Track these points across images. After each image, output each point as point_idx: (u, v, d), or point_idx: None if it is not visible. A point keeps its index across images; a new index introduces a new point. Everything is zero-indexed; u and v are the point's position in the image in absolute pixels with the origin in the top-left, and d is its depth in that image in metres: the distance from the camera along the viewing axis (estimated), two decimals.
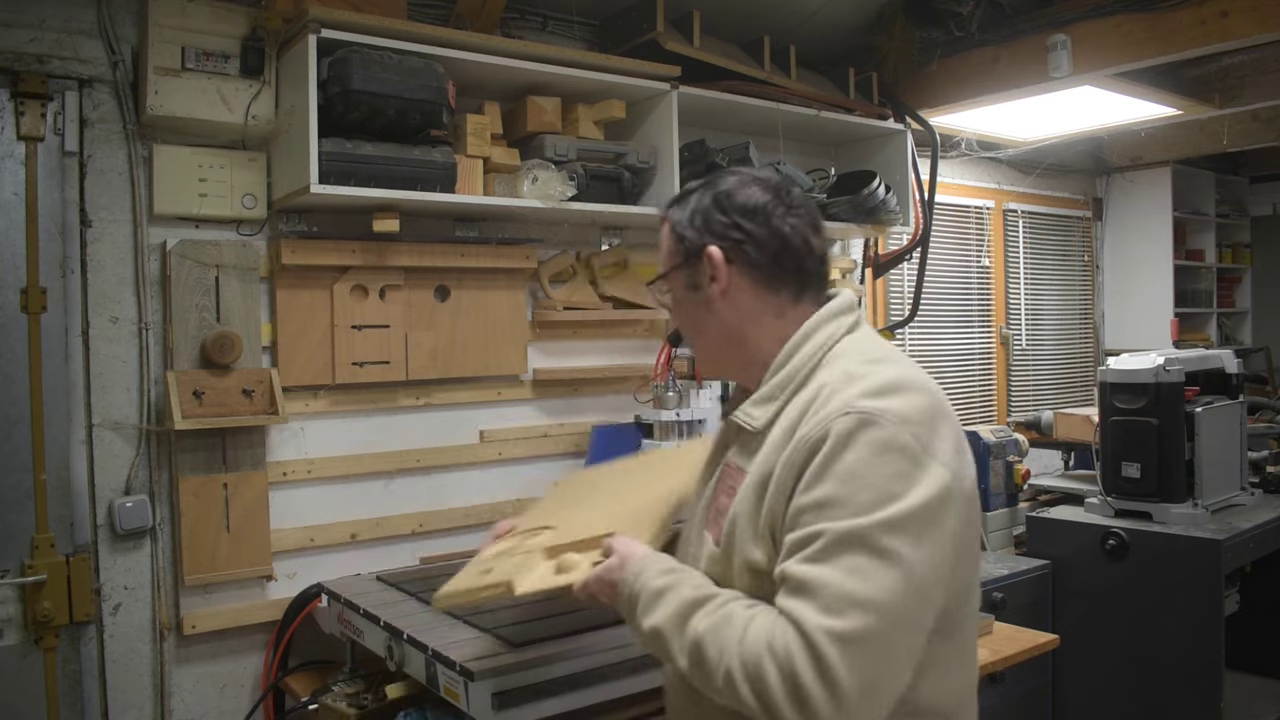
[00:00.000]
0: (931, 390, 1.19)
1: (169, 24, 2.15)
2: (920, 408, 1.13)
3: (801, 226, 1.23)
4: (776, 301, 1.23)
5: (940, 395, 1.20)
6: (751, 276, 1.23)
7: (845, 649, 0.98)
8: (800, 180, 3.01)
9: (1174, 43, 2.78)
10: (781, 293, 1.23)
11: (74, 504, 2.14)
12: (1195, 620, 3.04)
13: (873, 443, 1.06)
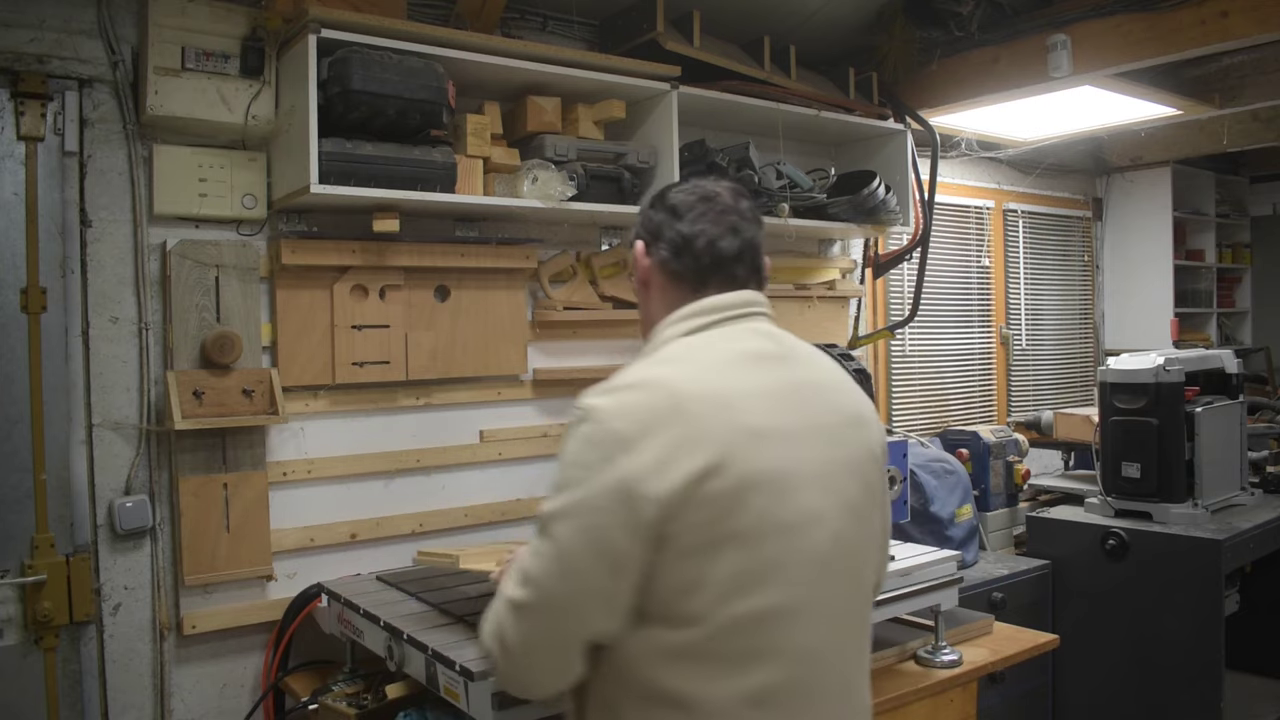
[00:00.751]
0: (670, 392, 1.20)
1: (169, 24, 2.15)
2: (639, 407, 1.19)
3: (711, 229, 1.35)
4: (679, 293, 1.36)
5: (684, 397, 1.20)
6: (662, 269, 1.38)
7: (513, 615, 1.21)
8: (800, 180, 3.01)
9: (1174, 43, 2.78)
10: (682, 286, 1.36)
11: (74, 504, 2.14)
12: (1195, 620, 3.04)
13: (580, 436, 1.22)
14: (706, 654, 1.17)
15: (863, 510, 1.30)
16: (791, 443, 1.23)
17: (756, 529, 1.17)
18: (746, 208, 1.41)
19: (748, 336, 1.32)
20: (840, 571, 1.26)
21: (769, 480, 1.19)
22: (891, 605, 2.06)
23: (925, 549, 2.30)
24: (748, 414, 1.21)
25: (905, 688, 2.02)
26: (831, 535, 1.24)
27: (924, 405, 4.10)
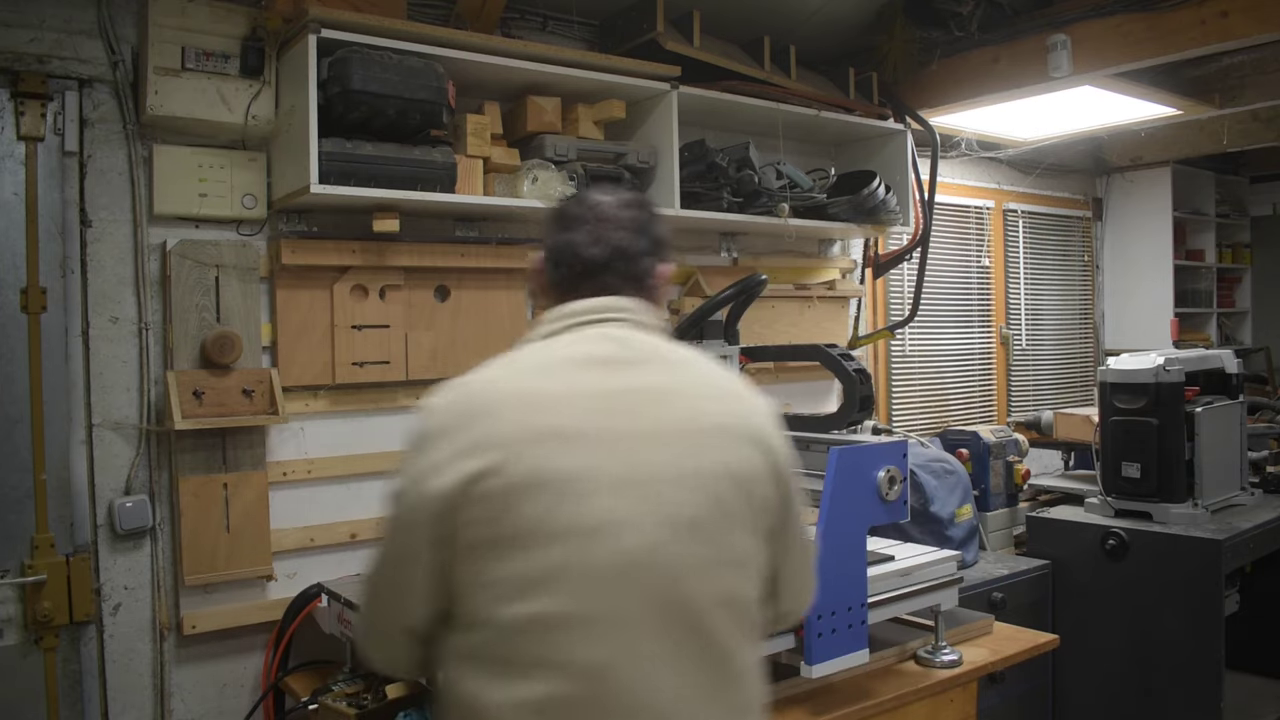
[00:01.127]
0: (477, 393, 1.24)
1: (169, 24, 2.15)
2: (448, 406, 1.24)
3: (580, 238, 1.35)
4: (553, 300, 1.38)
5: (487, 398, 1.22)
6: (542, 277, 1.41)
7: (359, 597, 1.36)
8: (800, 180, 3.01)
9: (1174, 43, 2.78)
10: (556, 293, 1.38)
11: (74, 504, 2.14)
12: (1195, 620, 3.04)
13: (407, 434, 1.28)
14: (492, 658, 1.16)
15: (705, 526, 1.19)
16: (599, 447, 1.18)
17: (538, 531, 1.14)
18: (629, 217, 1.38)
19: (592, 341, 1.29)
20: (652, 588, 1.16)
21: (559, 483, 1.15)
22: (891, 605, 2.06)
23: (925, 549, 2.30)
24: (550, 416, 1.19)
25: (905, 688, 2.02)
26: (638, 547, 1.15)
27: (924, 405, 4.10)
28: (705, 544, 1.20)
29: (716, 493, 1.21)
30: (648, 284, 1.39)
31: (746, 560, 1.24)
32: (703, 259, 3.17)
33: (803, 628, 1.84)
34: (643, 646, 1.15)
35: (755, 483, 1.25)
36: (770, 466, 1.27)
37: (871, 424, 3.03)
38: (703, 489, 1.20)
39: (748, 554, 1.24)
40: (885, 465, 1.94)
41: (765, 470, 1.26)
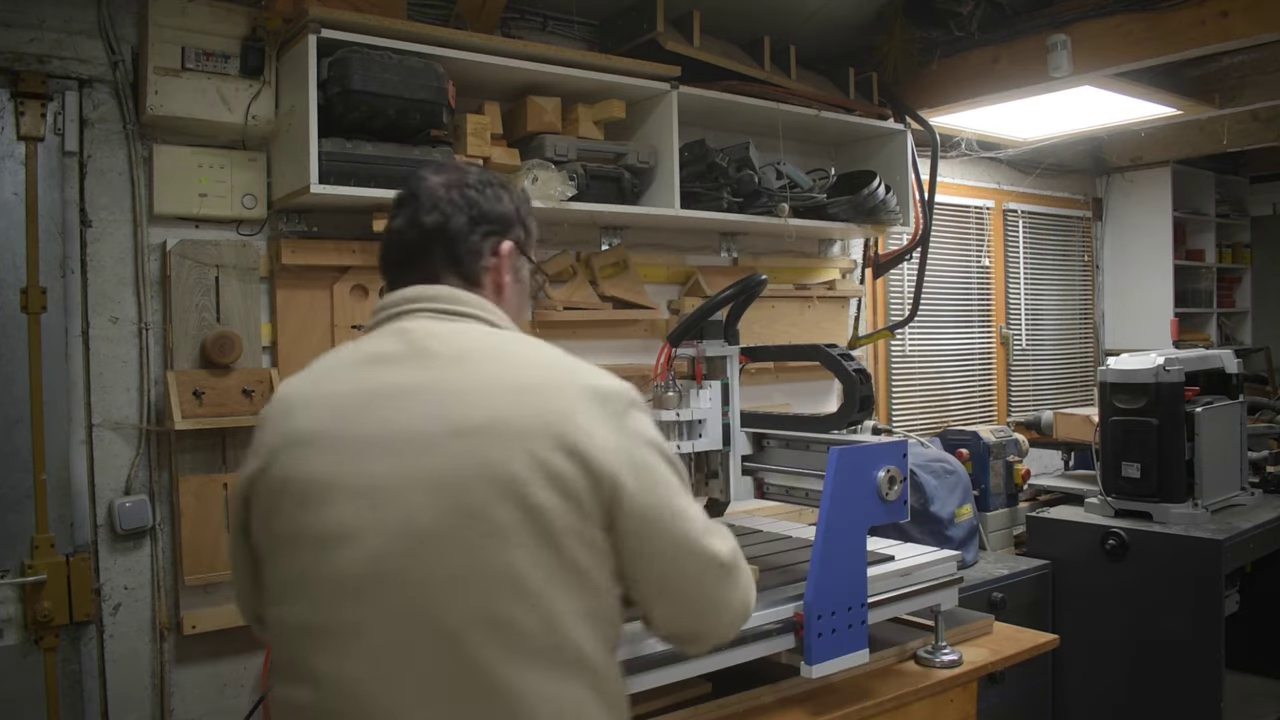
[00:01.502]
0: (275, 395, 1.26)
1: (169, 24, 2.15)
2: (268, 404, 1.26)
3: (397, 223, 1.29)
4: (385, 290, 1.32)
5: (274, 401, 1.24)
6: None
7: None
8: (800, 180, 3.01)
9: (1174, 43, 2.78)
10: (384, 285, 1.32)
11: (74, 504, 2.14)
12: (1195, 620, 3.04)
13: None
14: (275, 657, 1.20)
15: (449, 538, 1.07)
16: (340, 451, 1.12)
17: (285, 538, 1.14)
18: (453, 195, 1.26)
19: (380, 338, 1.22)
20: (391, 602, 1.08)
21: (300, 489, 1.13)
22: (891, 605, 2.06)
23: (925, 549, 2.30)
24: (303, 419, 1.16)
25: (905, 688, 2.02)
26: (371, 558, 1.08)
27: (924, 405, 4.10)
28: (453, 557, 1.07)
29: (466, 502, 1.07)
30: (478, 266, 1.27)
31: (520, 576, 1.07)
32: (703, 259, 3.17)
33: (803, 627, 1.84)
34: (387, 664, 1.08)
35: (537, 487, 1.08)
36: (574, 468, 1.09)
37: (871, 424, 3.03)
38: (445, 497, 1.08)
39: (521, 570, 1.07)
40: (885, 465, 1.94)
41: (560, 472, 1.09)
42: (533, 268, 1.38)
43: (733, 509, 2.83)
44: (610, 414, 1.15)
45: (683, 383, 2.41)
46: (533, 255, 1.37)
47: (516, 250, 1.31)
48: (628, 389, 1.21)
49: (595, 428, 1.12)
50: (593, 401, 1.14)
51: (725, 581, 1.24)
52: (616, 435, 1.14)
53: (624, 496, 1.12)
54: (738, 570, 1.27)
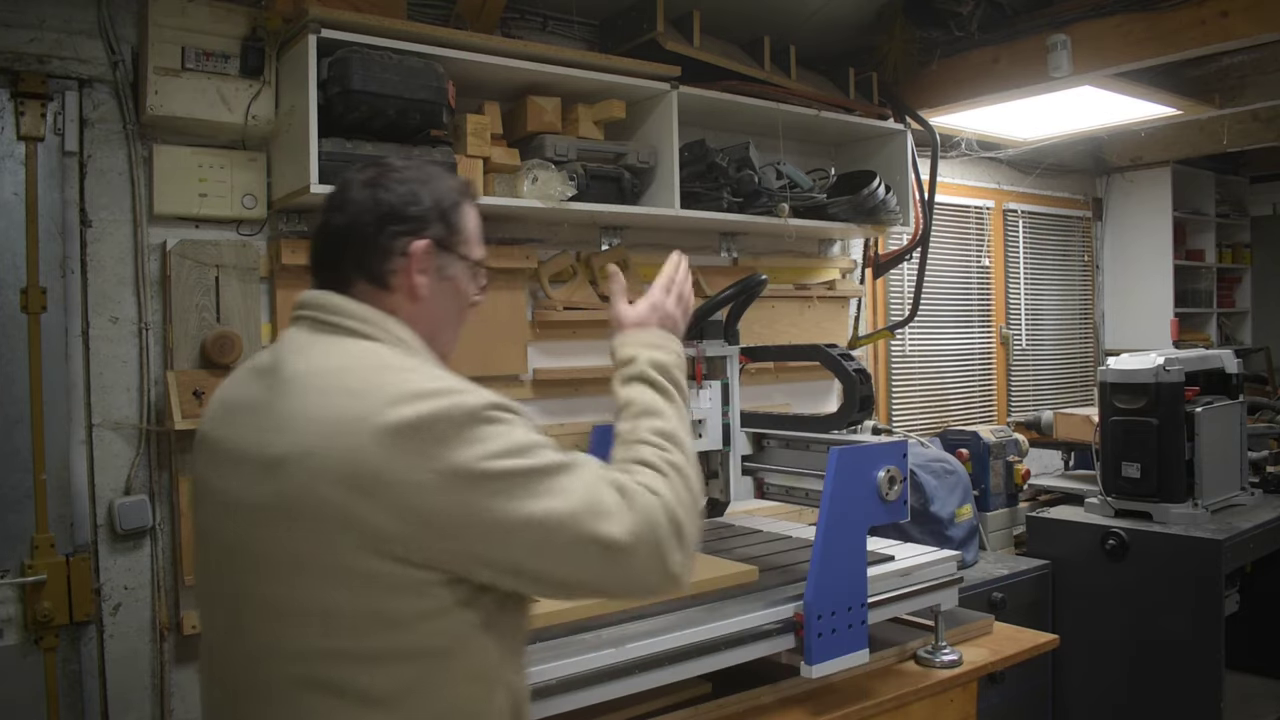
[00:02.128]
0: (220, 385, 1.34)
1: (169, 24, 2.15)
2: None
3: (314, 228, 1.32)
4: None
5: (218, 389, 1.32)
6: None
7: None
8: (800, 180, 3.01)
9: (1174, 43, 2.78)
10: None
11: (74, 504, 2.14)
12: (1195, 620, 3.04)
13: None
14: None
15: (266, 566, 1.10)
16: (209, 457, 1.22)
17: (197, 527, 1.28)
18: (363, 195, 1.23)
19: (273, 345, 1.26)
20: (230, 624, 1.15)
21: (198, 495, 1.26)
22: (891, 605, 2.06)
23: (925, 549, 2.30)
24: (204, 420, 1.28)
25: (905, 688, 2.02)
26: (216, 564, 1.18)
27: (924, 405, 4.10)
28: (268, 584, 1.10)
29: (273, 534, 1.09)
30: (385, 269, 1.21)
31: (325, 611, 1.07)
32: (703, 259, 3.17)
33: (803, 627, 1.84)
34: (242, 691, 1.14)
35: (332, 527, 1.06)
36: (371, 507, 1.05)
37: (871, 424, 3.04)
38: (257, 524, 1.10)
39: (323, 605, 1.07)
40: (885, 465, 1.94)
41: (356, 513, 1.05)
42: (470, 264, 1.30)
43: (733, 509, 2.84)
44: (417, 449, 1.06)
45: None
46: (468, 251, 1.29)
47: (435, 248, 1.24)
48: (449, 412, 1.08)
49: (398, 468, 1.05)
50: (396, 438, 1.05)
51: (623, 558, 1.14)
52: (426, 473, 1.06)
53: (438, 535, 1.07)
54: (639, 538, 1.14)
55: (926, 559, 2.19)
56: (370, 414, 1.06)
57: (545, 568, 1.12)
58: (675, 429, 1.30)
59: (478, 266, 1.32)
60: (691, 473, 1.26)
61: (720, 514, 2.81)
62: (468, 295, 1.31)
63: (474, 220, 1.32)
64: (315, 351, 1.17)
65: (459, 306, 1.31)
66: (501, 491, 1.08)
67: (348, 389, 1.10)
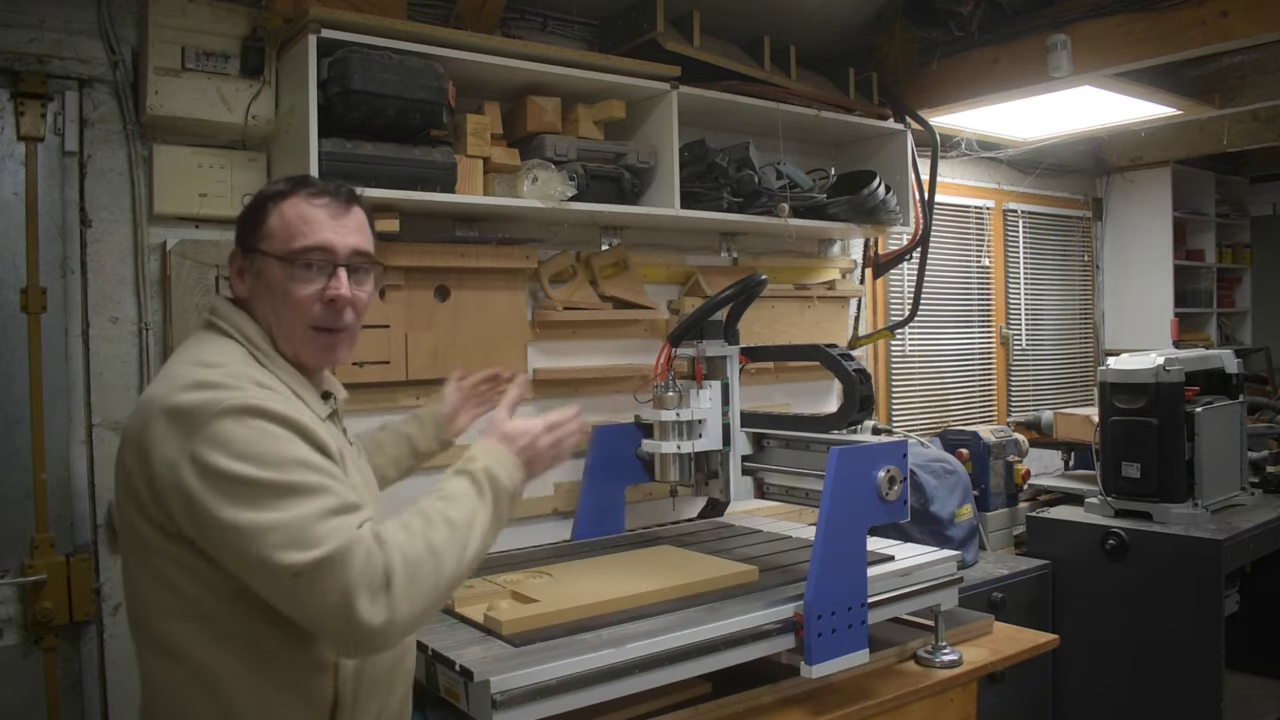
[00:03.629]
0: None
1: (169, 24, 2.15)
2: None
3: None
4: None
5: None
6: None
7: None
8: (800, 180, 3.01)
9: (1174, 43, 2.78)
10: None
11: (74, 504, 2.14)
12: (1195, 620, 3.04)
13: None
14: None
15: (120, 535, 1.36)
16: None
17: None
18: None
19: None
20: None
21: None
22: (891, 605, 2.06)
23: (925, 549, 2.30)
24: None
25: (905, 688, 2.02)
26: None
27: (924, 405, 4.10)
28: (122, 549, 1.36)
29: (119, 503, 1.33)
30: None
31: (130, 574, 1.33)
32: (703, 259, 3.17)
33: (803, 627, 1.84)
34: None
35: (126, 497, 1.29)
36: (144, 482, 1.25)
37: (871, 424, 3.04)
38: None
39: (130, 569, 1.33)
40: (885, 465, 1.94)
41: (137, 486, 1.26)
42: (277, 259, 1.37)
43: (733, 509, 2.84)
44: (177, 431, 1.22)
45: (683, 383, 2.41)
46: (270, 247, 1.38)
47: (239, 253, 1.42)
48: (208, 404, 1.22)
49: (161, 445, 1.22)
50: (167, 418, 1.23)
51: (303, 588, 1.18)
52: (176, 453, 1.21)
53: (180, 512, 1.23)
54: (324, 573, 1.18)
55: (926, 559, 2.19)
56: (160, 397, 1.25)
57: (246, 575, 1.22)
58: (461, 521, 1.32)
59: (292, 258, 1.36)
60: (448, 562, 1.28)
61: (720, 514, 2.81)
62: (285, 288, 1.37)
63: (289, 215, 1.39)
64: (184, 345, 1.39)
65: (280, 299, 1.38)
66: (220, 490, 1.19)
67: (164, 376, 1.31)
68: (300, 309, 1.38)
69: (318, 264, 1.38)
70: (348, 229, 1.42)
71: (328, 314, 1.39)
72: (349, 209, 1.44)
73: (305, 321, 1.39)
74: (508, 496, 1.41)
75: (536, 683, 1.59)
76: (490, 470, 1.40)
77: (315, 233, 1.38)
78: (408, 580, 1.22)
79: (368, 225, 1.48)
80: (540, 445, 1.50)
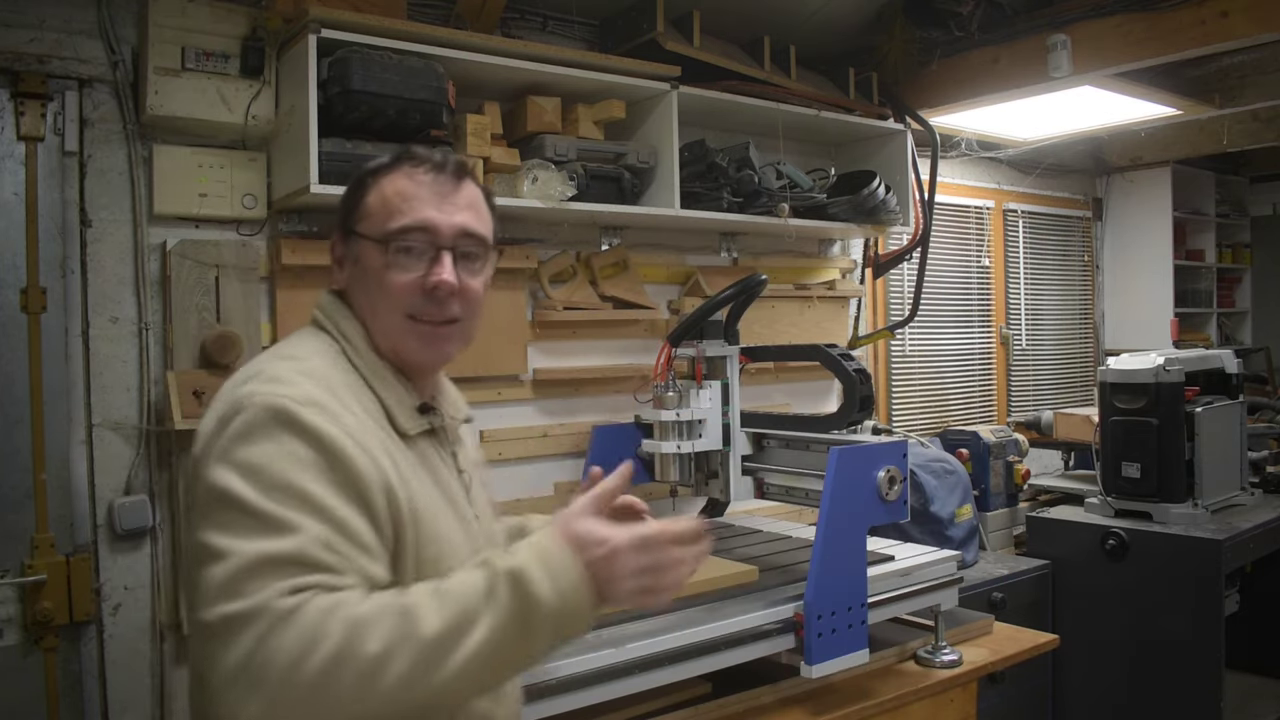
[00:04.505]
0: None
1: (169, 24, 2.15)
2: None
3: None
4: None
5: None
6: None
7: None
8: (800, 180, 3.01)
9: (1174, 43, 2.78)
10: None
11: (74, 504, 2.14)
12: (1195, 620, 3.04)
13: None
14: None
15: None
16: None
17: None
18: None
19: None
20: None
21: None
22: (891, 605, 2.07)
23: (925, 549, 2.30)
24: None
25: (905, 688, 2.02)
26: None
27: (924, 405, 4.10)
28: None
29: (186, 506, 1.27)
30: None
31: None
32: (703, 259, 3.17)
33: (803, 627, 1.84)
34: None
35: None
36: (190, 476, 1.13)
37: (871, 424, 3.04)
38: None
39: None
40: (885, 465, 1.94)
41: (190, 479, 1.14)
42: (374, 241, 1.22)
43: (733, 509, 2.84)
44: (218, 430, 1.08)
45: (683, 383, 2.41)
46: (367, 229, 1.24)
47: (339, 237, 1.30)
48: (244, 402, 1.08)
49: (205, 443, 1.09)
50: (217, 417, 1.10)
51: (212, 642, 0.97)
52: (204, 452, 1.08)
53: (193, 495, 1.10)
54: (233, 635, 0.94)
55: (926, 559, 2.19)
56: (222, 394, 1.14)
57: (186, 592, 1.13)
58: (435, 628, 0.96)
59: (389, 240, 1.20)
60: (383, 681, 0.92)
61: (720, 514, 2.81)
62: (381, 275, 1.20)
63: (387, 191, 1.24)
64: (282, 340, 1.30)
65: (376, 287, 1.22)
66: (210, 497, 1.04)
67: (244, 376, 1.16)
68: (397, 298, 1.19)
69: (418, 247, 1.20)
70: (455, 207, 1.23)
71: (429, 304, 1.20)
72: (459, 184, 1.26)
73: (403, 312, 1.20)
74: (547, 618, 0.99)
75: (536, 683, 1.59)
76: (521, 574, 0.99)
77: (416, 210, 1.21)
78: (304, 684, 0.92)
79: (483, 203, 1.29)
80: (621, 564, 1.03)
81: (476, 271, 1.25)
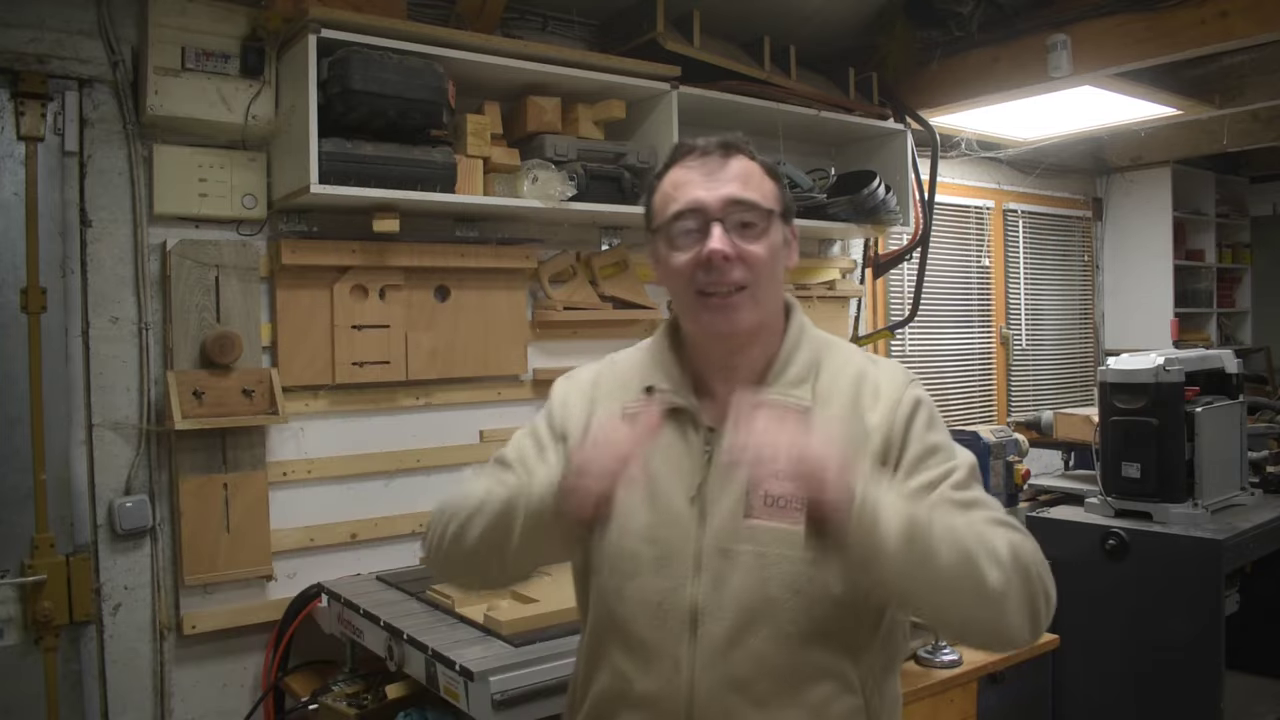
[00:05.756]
0: None
1: (169, 24, 2.15)
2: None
3: None
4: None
5: None
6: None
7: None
8: (800, 180, 3.01)
9: (1174, 43, 2.78)
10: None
11: (74, 504, 2.14)
12: (1195, 620, 3.04)
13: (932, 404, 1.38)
14: None
15: None
16: None
17: None
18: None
19: None
20: None
21: None
22: None
23: None
24: None
25: (905, 688, 2.01)
26: None
27: None
28: None
29: None
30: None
31: None
32: None
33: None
34: None
35: None
36: None
37: None
38: None
39: None
40: None
41: None
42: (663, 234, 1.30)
43: None
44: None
45: None
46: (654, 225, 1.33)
47: (649, 236, 1.35)
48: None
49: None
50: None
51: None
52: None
53: None
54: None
55: None
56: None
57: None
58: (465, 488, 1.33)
59: (668, 228, 1.26)
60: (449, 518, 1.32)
61: None
62: (668, 261, 1.27)
63: (666, 186, 1.31)
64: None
65: (668, 274, 1.28)
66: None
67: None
68: (683, 277, 1.24)
69: (692, 226, 1.25)
70: (721, 181, 1.29)
71: (709, 275, 1.23)
72: (725, 161, 1.33)
73: (692, 289, 1.24)
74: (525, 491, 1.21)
75: (536, 683, 1.59)
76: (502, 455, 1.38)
77: (685, 194, 1.27)
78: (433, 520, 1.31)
79: (758, 172, 1.36)
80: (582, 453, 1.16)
81: (756, 236, 1.27)
